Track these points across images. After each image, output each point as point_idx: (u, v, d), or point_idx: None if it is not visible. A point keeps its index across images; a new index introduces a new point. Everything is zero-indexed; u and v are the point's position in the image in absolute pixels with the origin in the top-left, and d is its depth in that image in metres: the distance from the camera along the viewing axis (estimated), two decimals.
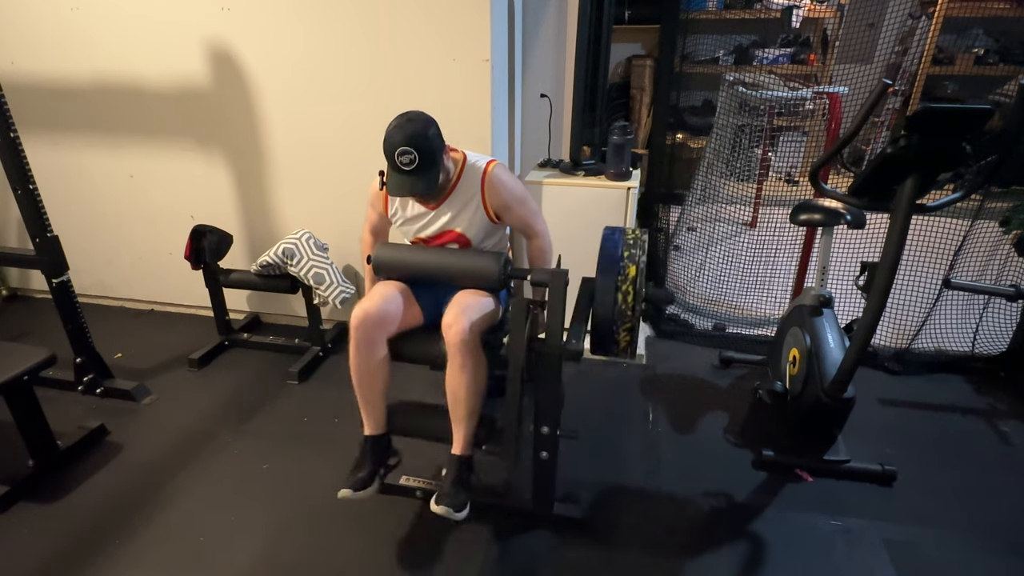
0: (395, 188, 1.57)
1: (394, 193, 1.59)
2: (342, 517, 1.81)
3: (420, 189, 1.58)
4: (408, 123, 1.54)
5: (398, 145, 1.52)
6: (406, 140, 1.51)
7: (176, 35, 2.42)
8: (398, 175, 1.56)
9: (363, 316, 1.61)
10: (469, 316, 1.58)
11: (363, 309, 1.62)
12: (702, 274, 3.13)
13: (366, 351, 1.64)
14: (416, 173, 1.54)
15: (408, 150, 1.51)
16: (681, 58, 2.74)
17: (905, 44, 4.08)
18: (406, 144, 1.51)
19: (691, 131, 4.29)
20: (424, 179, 1.56)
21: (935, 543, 1.72)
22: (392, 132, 1.54)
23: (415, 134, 1.52)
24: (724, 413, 2.28)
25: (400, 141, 1.52)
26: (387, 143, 1.54)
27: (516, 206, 1.74)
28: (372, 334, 1.63)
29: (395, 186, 1.57)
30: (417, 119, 1.55)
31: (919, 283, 2.57)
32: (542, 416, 1.60)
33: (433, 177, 1.58)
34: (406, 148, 1.51)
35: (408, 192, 1.58)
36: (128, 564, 1.69)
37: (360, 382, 1.67)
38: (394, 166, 1.56)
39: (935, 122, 1.43)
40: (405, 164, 1.53)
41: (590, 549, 1.71)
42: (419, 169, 1.54)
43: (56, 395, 2.34)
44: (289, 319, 2.95)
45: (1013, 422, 2.22)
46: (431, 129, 1.56)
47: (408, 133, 1.52)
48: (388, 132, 1.55)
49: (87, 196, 2.86)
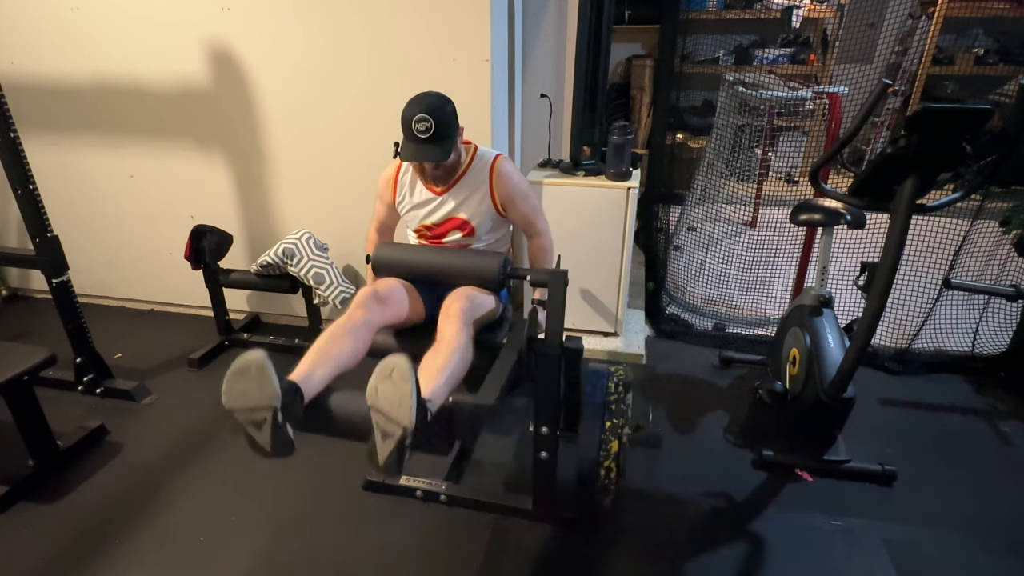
0: (410, 154, 1.62)
1: (408, 158, 1.62)
2: (342, 517, 1.81)
3: (434, 156, 1.61)
4: (427, 95, 1.61)
5: (416, 112, 1.57)
6: (424, 108, 1.57)
7: (176, 35, 2.42)
8: (413, 143, 1.60)
9: (370, 292, 1.60)
10: (471, 301, 1.60)
11: (371, 287, 1.63)
12: (702, 274, 3.13)
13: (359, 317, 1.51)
14: (431, 141, 1.58)
15: (425, 117, 1.56)
16: (681, 58, 2.74)
17: (905, 44, 4.08)
18: (424, 112, 1.56)
19: (691, 131, 4.29)
20: (437, 148, 1.60)
21: (935, 543, 1.72)
22: (410, 104, 1.60)
23: (433, 105, 1.58)
24: (724, 413, 2.28)
25: (418, 109, 1.57)
26: (405, 113, 1.59)
27: (520, 201, 1.76)
28: (372, 307, 1.57)
29: (410, 152, 1.61)
30: (436, 94, 1.63)
31: (919, 283, 2.57)
32: (542, 416, 1.60)
33: (447, 148, 1.62)
34: (423, 115, 1.56)
35: (423, 157, 1.62)
36: (128, 564, 1.69)
37: (327, 335, 1.44)
38: (410, 135, 1.59)
39: (935, 122, 1.43)
40: (421, 132, 1.57)
41: (590, 549, 1.71)
42: (434, 138, 1.58)
43: (56, 395, 2.34)
44: (289, 319, 2.95)
45: (1013, 422, 2.22)
46: (448, 105, 1.62)
47: (427, 103, 1.58)
48: (407, 105, 1.60)
49: (87, 196, 2.86)
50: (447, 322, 1.52)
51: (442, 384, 1.34)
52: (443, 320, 1.54)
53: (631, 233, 2.44)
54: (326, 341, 1.43)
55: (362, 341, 1.49)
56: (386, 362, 1.18)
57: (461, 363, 1.44)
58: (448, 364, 1.39)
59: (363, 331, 1.51)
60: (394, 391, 1.15)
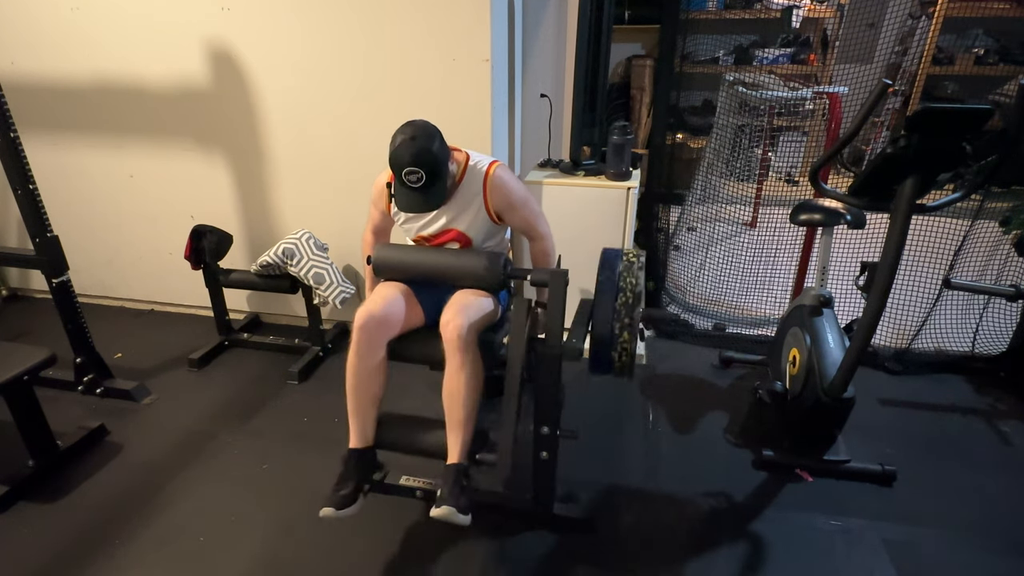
0: (404, 204, 1.62)
1: (403, 209, 1.63)
2: (342, 517, 1.81)
3: (430, 205, 1.62)
4: (412, 141, 1.52)
5: (405, 165, 1.53)
6: (413, 160, 1.52)
7: (176, 35, 2.42)
8: (406, 191, 1.59)
9: (367, 317, 1.61)
10: (467, 314, 1.59)
11: (367, 310, 1.62)
12: (702, 274, 3.13)
13: (367, 353, 1.63)
14: (424, 190, 1.57)
15: (415, 170, 1.53)
16: (681, 58, 2.73)
17: (905, 44, 4.08)
18: (413, 164, 1.52)
19: (691, 131, 4.29)
20: (432, 194, 1.59)
21: (935, 543, 1.72)
22: (398, 150, 1.53)
23: (421, 151, 1.52)
24: (724, 413, 2.28)
25: (408, 161, 1.52)
26: (394, 160, 1.55)
27: (519, 207, 1.75)
28: (375, 336, 1.63)
29: (404, 202, 1.61)
30: (422, 134, 1.54)
31: (919, 283, 2.57)
32: (542, 416, 1.60)
33: (440, 189, 1.60)
34: (413, 168, 1.53)
35: (418, 210, 1.62)
36: (128, 564, 1.69)
37: (355, 386, 1.64)
38: (402, 183, 1.58)
39: (935, 122, 1.43)
40: (413, 182, 1.55)
41: (590, 549, 1.71)
42: (427, 185, 1.56)
43: (56, 395, 2.34)
44: (289, 319, 2.95)
45: (1013, 422, 2.22)
46: (435, 143, 1.55)
47: (414, 151, 1.52)
48: (394, 148, 1.54)
49: (87, 196, 2.86)
50: (449, 350, 1.58)
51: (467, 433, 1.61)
52: (445, 344, 1.58)
53: (631, 233, 2.44)
54: (355, 390, 1.65)
55: (380, 369, 1.66)
56: (440, 515, 1.51)
57: (474, 399, 1.61)
58: (465, 411, 1.59)
59: (375, 360, 1.64)
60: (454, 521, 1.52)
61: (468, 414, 1.60)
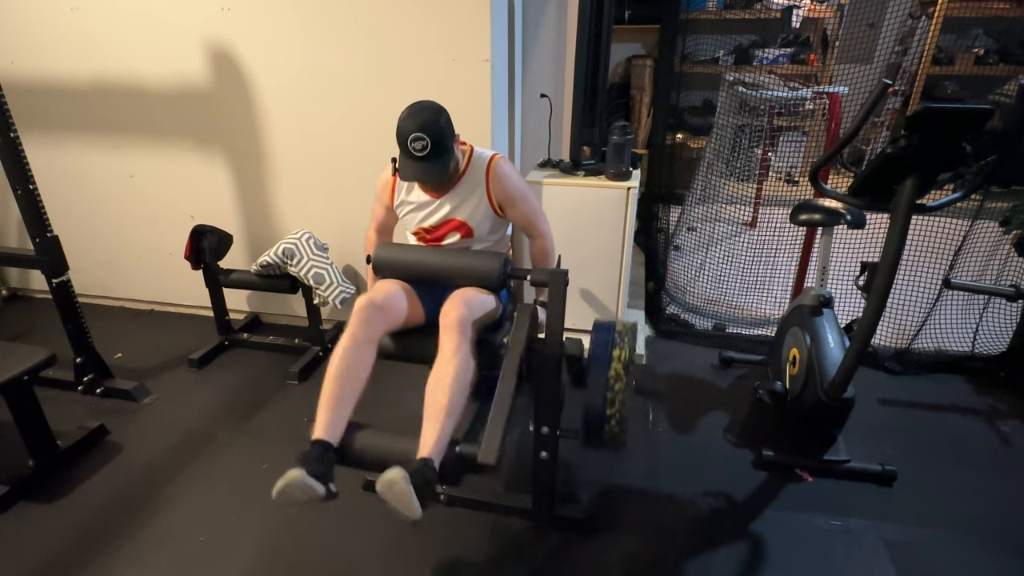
0: (408, 173, 1.62)
1: (406, 178, 1.63)
2: (342, 517, 1.81)
3: (433, 176, 1.62)
4: (420, 111, 1.58)
5: (411, 132, 1.55)
6: (419, 127, 1.55)
7: (176, 35, 2.42)
8: (410, 161, 1.59)
9: (367, 302, 1.60)
10: (469, 306, 1.59)
11: (368, 297, 1.62)
12: (702, 274, 3.13)
13: (362, 338, 1.56)
14: (428, 159, 1.58)
15: (421, 136, 1.55)
16: (681, 58, 2.73)
17: (905, 44, 4.08)
18: (419, 131, 1.55)
19: (691, 131, 4.29)
20: (436, 165, 1.60)
21: (935, 543, 1.72)
22: (405, 120, 1.58)
23: (428, 121, 1.56)
24: (724, 413, 2.28)
25: (413, 128, 1.55)
26: (400, 130, 1.58)
27: (519, 201, 1.76)
28: (373, 320, 1.59)
29: (408, 171, 1.61)
30: (429, 107, 1.60)
31: (919, 283, 2.57)
32: (542, 416, 1.60)
33: (445, 163, 1.61)
34: (419, 135, 1.55)
35: (421, 178, 1.62)
36: (128, 564, 1.69)
37: (341, 372, 1.50)
38: (407, 152, 1.59)
39: (935, 122, 1.43)
40: (417, 151, 1.57)
41: (590, 549, 1.71)
42: (431, 155, 1.57)
43: (56, 395, 2.34)
44: (289, 319, 2.95)
45: (1013, 422, 2.22)
46: (443, 117, 1.60)
47: (421, 121, 1.56)
48: (401, 119, 1.58)
49: (87, 196, 2.86)
50: (446, 335, 1.54)
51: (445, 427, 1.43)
52: (443, 331, 1.56)
53: (631, 233, 2.44)
54: (336, 377, 1.50)
55: (368, 363, 1.56)
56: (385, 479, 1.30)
57: (461, 392, 1.48)
58: (450, 399, 1.45)
59: (367, 351, 1.57)
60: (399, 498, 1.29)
61: (451, 404, 1.44)
